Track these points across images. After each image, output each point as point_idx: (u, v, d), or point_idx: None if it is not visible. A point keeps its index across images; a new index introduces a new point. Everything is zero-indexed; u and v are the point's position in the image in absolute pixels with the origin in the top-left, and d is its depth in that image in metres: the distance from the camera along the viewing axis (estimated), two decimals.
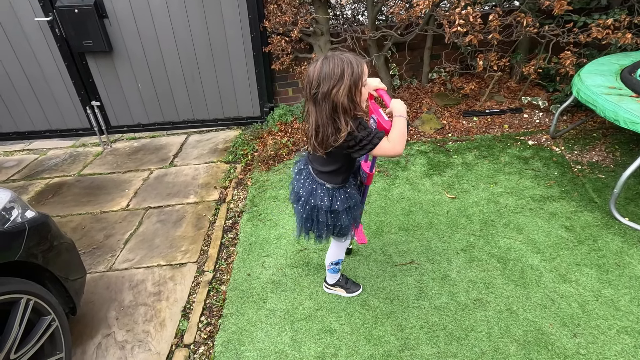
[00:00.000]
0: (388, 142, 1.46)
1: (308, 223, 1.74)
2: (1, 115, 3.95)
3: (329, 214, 1.67)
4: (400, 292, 2.09)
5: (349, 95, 1.37)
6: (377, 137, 1.45)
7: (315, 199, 1.65)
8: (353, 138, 1.42)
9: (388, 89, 4.04)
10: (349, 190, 1.70)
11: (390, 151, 1.46)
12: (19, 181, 3.64)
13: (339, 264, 2.02)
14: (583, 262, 2.16)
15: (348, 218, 1.71)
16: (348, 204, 1.68)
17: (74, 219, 3.01)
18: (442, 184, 2.93)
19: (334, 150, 1.47)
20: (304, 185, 1.69)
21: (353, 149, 1.45)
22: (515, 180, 2.87)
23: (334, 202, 1.65)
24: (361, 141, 1.43)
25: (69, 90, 3.82)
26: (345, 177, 1.66)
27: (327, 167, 1.60)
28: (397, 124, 1.47)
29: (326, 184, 1.65)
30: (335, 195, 1.65)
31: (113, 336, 2.03)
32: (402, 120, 1.48)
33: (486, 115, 3.78)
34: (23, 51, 3.62)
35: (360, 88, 1.39)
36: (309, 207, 1.68)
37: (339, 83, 1.34)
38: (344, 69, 1.35)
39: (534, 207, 2.60)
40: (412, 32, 3.59)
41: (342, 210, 1.66)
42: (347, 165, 1.61)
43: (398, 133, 1.46)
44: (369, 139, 1.44)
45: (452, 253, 2.30)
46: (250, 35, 3.66)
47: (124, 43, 3.63)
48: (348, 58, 1.38)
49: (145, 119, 4.05)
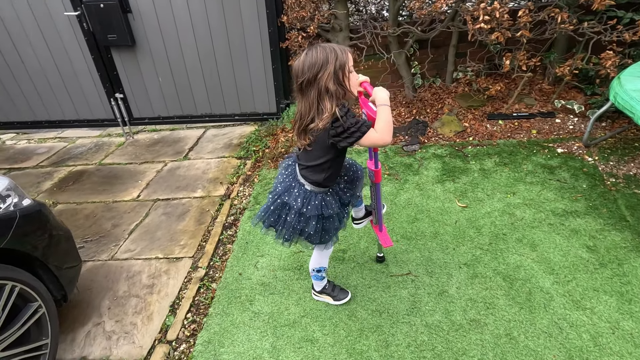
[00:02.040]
0: (376, 132, 1.44)
1: (272, 217, 1.69)
2: (35, 105, 4.19)
3: (298, 216, 1.62)
4: (391, 305, 1.96)
5: (336, 79, 1.39)
6: (366, 125, 1.43)
7: (289, 197, 1.63)
8: (341, 125, 1.40)
9: (408, 88, 3.86)
10: (327, 198, 1.63)
11: (379, 140, 1.45)
12: (46, 167, 3.84)
13: (322, 271, 1.93)
14: (603, 288, 1.92)
15: (317, 227, 1.62)
16: (321, 212, 1.60)
17: (88, 206, 3.12)
18: (454, 191, 2.74)
19: (319, 140, 1.45)
20: (284, 181, 1.68)
21: (340, 136, 1.42)
22: (537, 191, 2.63)
23: (305, 205, 1.60)
24: (349, 129, 1.41)
25: (95, 82, 3.97)
26: (327, 178, 1.59)
27: (312, 161, 1.56)
28: (381, 113, 1.45)
29: (305, 184, 1.61)
30: (311, 199, 1.61)
31: (102, 325, 2.07)
32: (386, 109, 1.45)
33: (513, 118, 3.51)
34: (55, 44, 3.80)
35: (346, 73, 1.41)
36: (280, 201, 1.66)
37: (323, 68, 1.38)
38: (327, 55, 1.38)
39: (554, 222, 2.36)
40: (436, 28, 3.39)
41: (312, 216, 1.60)
42: (332, 161, 1.55)
43: (384, 122, 1.44)
44: (358, 126, 1.42)
45: (454, 267, 2.14)
46: (267, 31, 3.62)
47: (146, 37, 3.71)
48: (331, 46, 1.41)
49: (165, 112, 4.14)
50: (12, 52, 3.86)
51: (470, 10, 2.92)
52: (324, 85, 1.39)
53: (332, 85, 1.40)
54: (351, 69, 1.44)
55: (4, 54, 3.88)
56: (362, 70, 3.89)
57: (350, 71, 1.43)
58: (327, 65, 1.38)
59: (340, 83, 1.41)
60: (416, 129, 3.54)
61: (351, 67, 1.44)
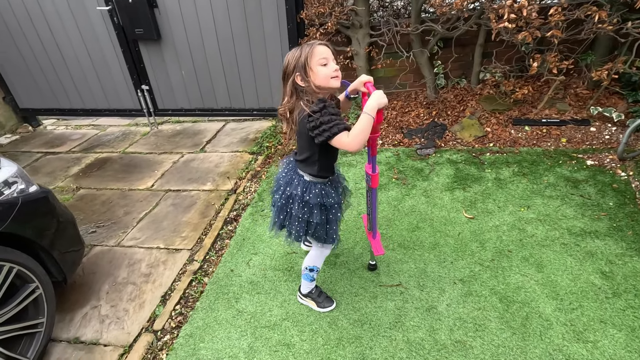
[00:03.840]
0: (348, 136, 1.42)
1: (282, 215, 1.74)
2: (72, 94, 4.46)
3: (302, 206, 1.65)
4: (375, 316, 1.89)
5: (304, 76, 1.44)
6: (338, 127, 1.41)
7: (291, 187, 1.67)
8: (315, 119, 1.42)
9: (430, 88, 3.70)
10: (326, 188, 1.67)
11: (347, 146, 1.43)
12: (77, 153, 4.09)
13: (314, 272, 1.91)
14: (612, 320, 1.74)
15: (321, 217, 1.66)
16: (322, 200, 1.64)
17: (106, 192, 3.28)
18: (463, 200, 2.59)
19: (302, 132, 1.51)
20: (285, 175, 1.73)
21: (313, 132, 1.44)
22: (555, 207, 2.43)
23: (307, 193, 1.63)
24: (320, 125, 1.42)
25: (124, 74, 4.16)
26: (320, 169, 1.62)
27: (301, 155, 1.63)
28: (360, 121, 1.42)
29: (304, 176, 1.65)
30: (310, 187, 1.64)
31: (99, 309, 2.17)
32: (366, 118, 1.42)
33: (542, 124, 3.25)
34: (88, 37, 4.01)
35: (312, 68, 1.44)
36: (285, 196, 1.69)
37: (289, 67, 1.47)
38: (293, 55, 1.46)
39: (568, 242, 2.16)
40: (459, 27, 3.20)
41: (314, 204, 1.63)
42: (319, 155, 1.57)
43: (359, 130, 1.42)
44: (329, 125, 1.41)
45: (449, 282, 2.02)
46: (287, 27, 3.59)
47: (171, 32, 3.82)
48: (303, 45, 1.47)
49: (187, 104, 4.25)
50: (51, 44, 4.13)
51: (495, 8, 2.72)
52: (291, 81, 1.47)
53: (301, 82, 1.46)
54: (319, 62, 1.43)
55: (45, 45, 4.16)
56: (380, 68, 3.77)
57: (321, 64, 1.44)
58: (291, 62, 1.46)
59: (306, 79, 1.45)
60: (434, 131, 3.38)
61: (321, 60, 1.44)
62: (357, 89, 1.62)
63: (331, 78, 1.46)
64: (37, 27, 4.06)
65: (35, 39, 4.14)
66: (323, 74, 1.44)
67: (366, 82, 1.54)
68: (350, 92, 1.66)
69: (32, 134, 4.73)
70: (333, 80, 1.47)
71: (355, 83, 1.60)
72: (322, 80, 1.45)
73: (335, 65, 1.49)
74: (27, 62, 4.31)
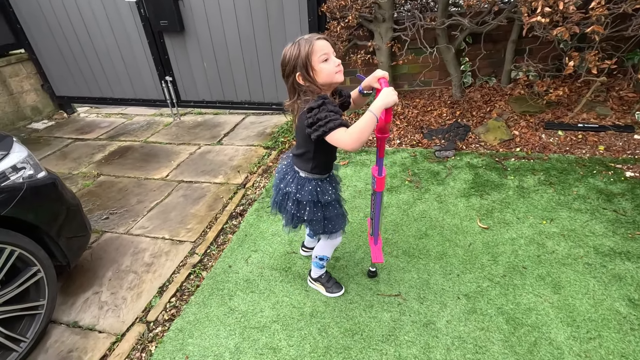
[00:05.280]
0: (345, 133, 1.33)
1: (278, 207, 1.72)
2: (102, 82, 4.62)
3: (295, 203, 1.61)
4: (368, 327, 1.79)
5: (305, 75, 1.37)
6: (335, 123, 1.33)
7: (285, 184, 1.64)
8: (312, 115, 1.36)
9: (456, 86, 3.49)
10: (323, 184, 1.61)
11: (343, 143, 1.34)
12: (103, 140, 4.23)
13: (324, 260, 1.91)
14: (635, 355, 1.53)
15: (316, 214, 1.61)
16: (316, 198, 1.59)
17: (123, 180, 3.37)
18: (479, 208, 2.41)
19: (300, 128, 1.45)
20: (281, 170, 1.71)
21: (311, 128, 1.38)
22: (582, 221, 2.20)
23: (300, 190, 1.59)
24: (317, 122, 1.35)
25: (150, 65, 4.25)
26: (316, 166, 1.57)
27: (297, 150, 1.59)
28: (362, 119, 1.34)
29: (300, 172, 1.61)
30: (305, 184, 1.59)
31: (99, 295, 2.21)
32: (369, 116, 1.33)
33: (578, 130, 2.98)
34: (118, 28, 4.12)
35: (313, 66, 1.35)
36: (281, 192, 1.67)
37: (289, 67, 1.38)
38: (292, 54, 1.37)
39: (594, 263, 1.95)
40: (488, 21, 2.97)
41: (307, 201, 1.59)
42: (314, 152, 1.51)
43: (358, 128, 1.32)
44: (325, 121, 1.34)
45: (452, 296, 1.88)
46: (307, 20, 3.51)
47: (194, 24, 3.84)
48: (299, 41, 1.37)
49: (208, 96, 4.28)
50: (84, 34, 4.29)
51: (528, 0, 2.49)
52: (292, 80, 1.41)
53: (303, 82, 1.39)
54: (322, 58, 1.35)
55: (79, 36, 4.32)
56: (403, 64, 3.59)
57: (322, 60, 1.35)
58: (291, 62, 1.37)
59: (306, 77, 1.37)
60: (456, 132, 3.19)
61: (322, 56, 1.35)
62: (371, 84, 1.51)
63: (335, 73, 1.38)
64: (72, 19, 4.23)
65: (70, 30, 4.31)
66: (326, 71, 1.37)
67: (380, 78, 1.44)
68: (364, 87, 1.56)
69: (67, 120, 4.96)
70: (337, 75, 1.39)
71: (369, 78, 1.50)
72: (325, 77, 1.38)
73: (337, 58, 1.40)
74: (63, 52, 4.51)
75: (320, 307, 1.92)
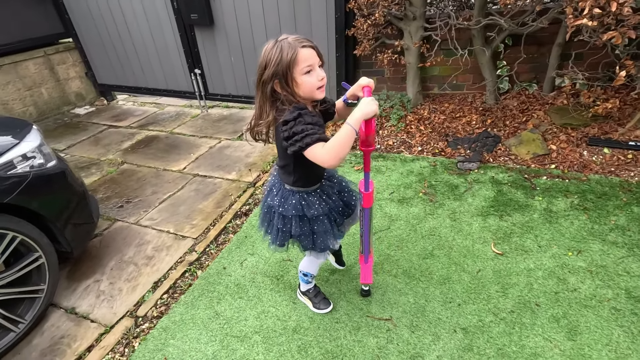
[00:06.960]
0: (322, 149, 1.21)
1: (265, 222, 1.62)
2: (138, 72, 4.79)
3: (281, 218, 1.52)
4: (350, 352, 1.66)
5: (283, 83, 1.24)
6: (312, 138, 1.21)
7: (270, 197, 1.56)
8: (288, 129, 1.24)
9: (490, 92, 3.21)
10: (310, 198, 1.50)
11: (320, 160, 1.22)
12: (134, 128, 4.39)
13: (308, 276, 1.82)
14: None
15: (303, 229, 1.51)
16: (302, 212, 1.49)
17: (143, 170, 3.46)
18: (495, 230, 2.18)
19: (277, 141, 1.34)
20: (269, 181, 1.63)
21: (287, 142, 1.26)
22: (616, 257, 1.91)
23: (282, 204, 1.50)
24: (293, 136, 1.23)
25: (181, 57, 4.32)
26: (297, 179, 1.46)
27: (279, 162, 1.49)
28: (340, 132, 1.21)
29: (285, 184, 1.52)
30: (289, 198, 1.49)
31: (99, 284, 2.27)
32: (346, 129, 1.20)
33: (628, 148, 2.62)
34: (153, 20, 4.23)
35: (294, 76, 1.23)
36: (266, 204, 1.59)
37: (267, 70, 1.23)
38: (272, 56, 1.22)
39: (623, 308, 1.68)
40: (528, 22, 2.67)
41: (292, 216, 1.49)
42: (294, 165, 1.41)
43: (336, 143, 1.20)
44: (301, 136, 1.22)
45: (447, 328, 1.70)
46: (334, 16, 3.37)
47: (223, 19, 3.84)
48: (282, 44, 1.22)
49: (234, 91, 4.29)
50: (123, 26, 4.45)
51: (573, 1, 2.19)
52: (269, 88, 1.26)
53: (279, 89, 1.26)
54: (305, 70, 1.22)
55: (118, 27, 4.49)
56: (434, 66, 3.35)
57: (305, 72, 1.22)
58: (270, 67, 1.22)
59: (284, 86, 1.24)
60: (483, 143, 2.93)
61: (306, 67, 1.22)
62: (356, 94, 1.38)
63: (317, 89, 1.26)
64: (112, 10, 4.39)
65: (110, 21, 4.49)
66: (309, 85, 1.24)
67: (364, 86, 1.31)
68: (349, 97, 1.43)
69: (106, 107, 5.21)
70: (318, 92, 1.27)
71: (354, 87, 1.37)
72: (306, 92, 1.26)
73: (322, 72, 1.26)
74: (104, 42, 4.71)
75: (305, 322, 1.82)
